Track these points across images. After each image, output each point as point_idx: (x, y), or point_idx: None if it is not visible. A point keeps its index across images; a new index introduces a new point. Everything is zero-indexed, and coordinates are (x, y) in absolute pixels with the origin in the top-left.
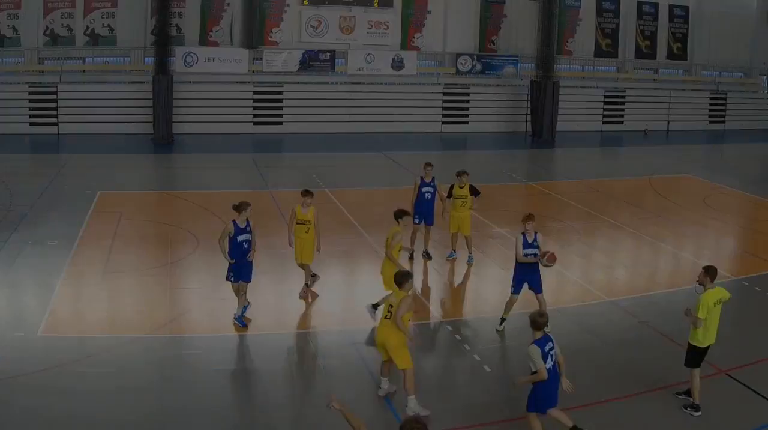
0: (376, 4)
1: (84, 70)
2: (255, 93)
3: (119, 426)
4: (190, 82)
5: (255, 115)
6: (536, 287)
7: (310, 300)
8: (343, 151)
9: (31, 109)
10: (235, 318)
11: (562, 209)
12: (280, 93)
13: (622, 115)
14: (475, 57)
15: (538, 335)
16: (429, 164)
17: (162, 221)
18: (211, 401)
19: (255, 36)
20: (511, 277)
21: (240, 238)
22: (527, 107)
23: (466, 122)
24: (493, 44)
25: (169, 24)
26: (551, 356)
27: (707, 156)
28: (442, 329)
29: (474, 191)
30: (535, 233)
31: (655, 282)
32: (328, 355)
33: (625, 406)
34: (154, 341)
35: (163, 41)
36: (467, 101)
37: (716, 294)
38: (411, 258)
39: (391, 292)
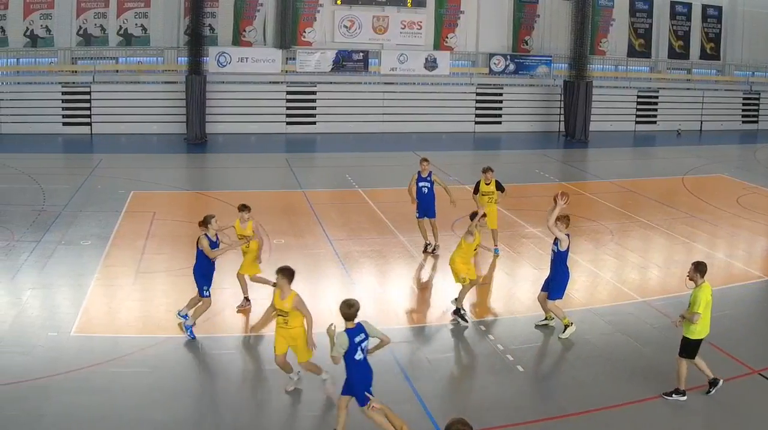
0: (409, 4)
1: (117, 70)
2: (288, 93)
3: (153, 426)
4: (223, 82)
5: (288, 115)
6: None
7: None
8: (375, 151)
9: (64, 109)
10: (185, 328)
11: (595, 209)
12: (314, 93)
13: (655, 115)
14: (508, 57)
15: (350, 325)
16: (425, 160)
17: (195, 220)
18: (245, 402)
19: (288, 36)
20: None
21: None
22: (560, 107)
23: (500, 122)
24: (527, 44)
25: (203, 24)
26: (361, 348)
27: (740, 156)
28: (475, 328)
29: (499, 187)
30: None
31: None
32: None
33: (659, 406)
34: (187, 341)
35: (197, 41)
36: (500, 101)
37: (709, 288)
38: (425, 251)
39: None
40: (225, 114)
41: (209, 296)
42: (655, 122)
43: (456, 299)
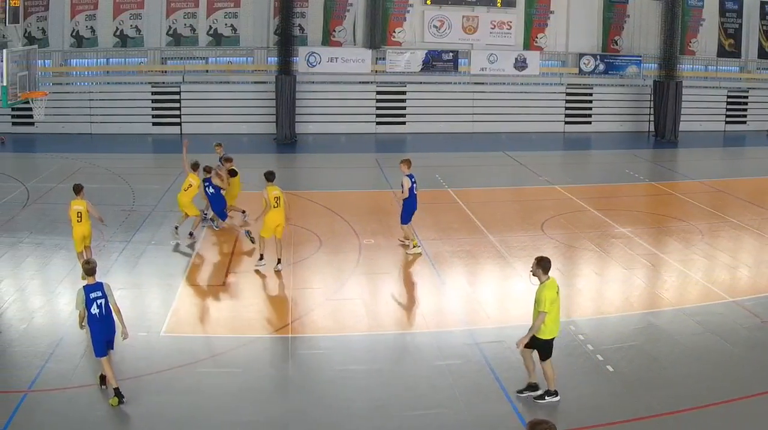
0: (499, 4)
1: (207, 70)
2: (378, 93)
3: (242, 427)
4: (312, 82)
5: (378, 115)
6: None
7: None
8: (465, 151)
9: (153, 109)
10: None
11: (684, 209)
12: (403, 93)
13: (745, 115)
14: (598, 57)
15: (90, 281)
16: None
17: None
18: (334, 402)
19: (378, 36)
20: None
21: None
22: (650, 107)
23: (589, 122)
24: (616, 44)
25: (292, 24)
26: (98, 303)
27: None
28: (565, 328)
29: None
30: None
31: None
32: (451, 354)
33: (750, 406)
34: (276, 341)
35: (286, 41)
36: (590, 101)
37: (553, 285)
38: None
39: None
40: (315, 114)
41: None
42: (744, 122)
43: None
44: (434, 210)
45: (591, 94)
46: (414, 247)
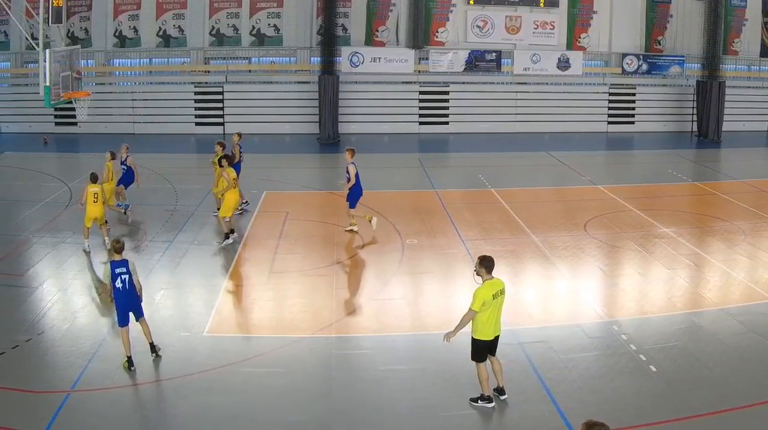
0: (542, 4)
1: (250, 70)
2: (421, 93)
3: (286, 427)
4: (356, 82)
5: (421, 115)
6: None
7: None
8: (508, 151)
9: (196, 109)
10: None
11: (727, 209)
12: (446, 93)
13: None
14: (641, 57)
15: (117, 257)
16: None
17: (327, 220)
18: (377, 402)
19: (421, 36)
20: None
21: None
22: (693, 107)
23: (632, 122)
24: (659, 44)
25: (335, 24)
26: (121, 278)
27: None
28: (608, 328)
29: None
30: None
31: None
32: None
33: None
34: (319, 341)
35: (329, 41)
36: (633, 101)
37: (494, 286)
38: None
39: None
40: (358, 114)
41: None
42: None
43: None
44: (477, 210)
45: (634, 94)
46: (352, 225)
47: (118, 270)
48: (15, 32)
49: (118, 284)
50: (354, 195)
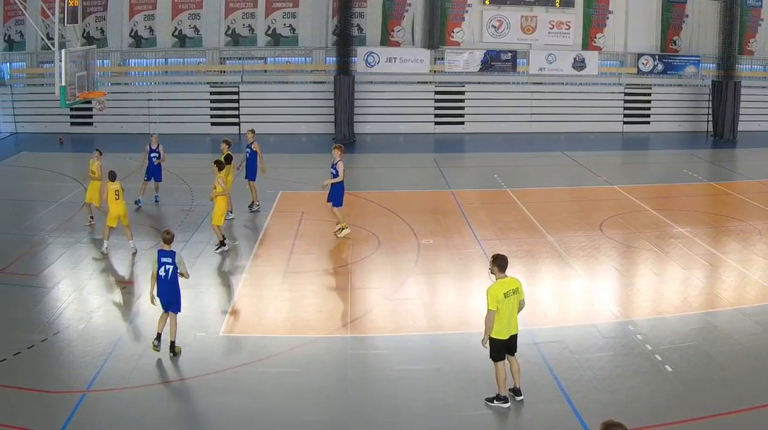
0: (557, 4)
1: (265, 70)
2: (436, 93)
3: (302, 426)
4: (371, 82)
5: (436, 115)
6: None
7: None
8: (524, 151)
9: (212, 109)
10: None
11: (743, 209)
12: (462, 93)
13: None
14: (657, 57)
15: (165, 247)
16: (251, 131)
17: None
18: (393, 402)
19: (436, 36)
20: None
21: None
22: (708, 107)
23: (648, 122)
24: (675, 44)
25: (351, 24)
26: (165, 268)
27: None
28: (624, 328)
29: None
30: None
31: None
32: None
33: None
34: (335, 341)
35: (345, 41)
36: (648, 101)
37: (506, 284)
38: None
39: None
40: (373, 114)
41: None
42: None
43: None
44: (493, 210)
45: (650, 94)
46: (343, 229)
47: (163, 259)
48: (31, 32)
49: (162, 272)
50: (341, 192)
